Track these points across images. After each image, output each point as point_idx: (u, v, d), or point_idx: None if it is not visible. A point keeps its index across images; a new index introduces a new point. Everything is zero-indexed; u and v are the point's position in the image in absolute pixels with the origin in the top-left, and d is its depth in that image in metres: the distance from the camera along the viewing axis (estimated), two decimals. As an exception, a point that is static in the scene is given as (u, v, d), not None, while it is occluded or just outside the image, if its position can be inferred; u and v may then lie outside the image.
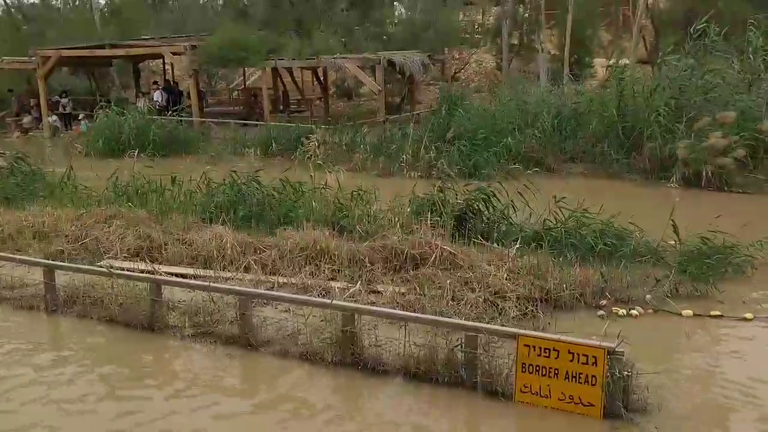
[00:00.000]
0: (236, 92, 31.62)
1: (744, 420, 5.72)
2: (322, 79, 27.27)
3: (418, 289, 7.97)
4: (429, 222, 9.40)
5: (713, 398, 6.04)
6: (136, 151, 15.92)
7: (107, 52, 24.43)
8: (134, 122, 19.96)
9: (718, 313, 7.67)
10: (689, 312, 7.67)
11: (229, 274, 8.75)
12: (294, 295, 7.70)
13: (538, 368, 5.82)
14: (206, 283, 7.69)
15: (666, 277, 8.32)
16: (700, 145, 13.95)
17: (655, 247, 9.23)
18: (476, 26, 37.46)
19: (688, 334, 7.23)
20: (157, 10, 36.00)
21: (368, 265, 8.69)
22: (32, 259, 8.93)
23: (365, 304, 7.51)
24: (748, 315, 7.58)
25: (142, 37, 26.38)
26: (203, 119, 23.08)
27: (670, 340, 7.18)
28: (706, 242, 8.82)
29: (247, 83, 31.13)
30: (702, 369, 6.57)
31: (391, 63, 22.26)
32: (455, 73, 31.75)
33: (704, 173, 13.80)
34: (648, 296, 8.02)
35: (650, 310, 7.78)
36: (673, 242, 9.22)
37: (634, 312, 7.71)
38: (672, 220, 9.10)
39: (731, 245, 8.87)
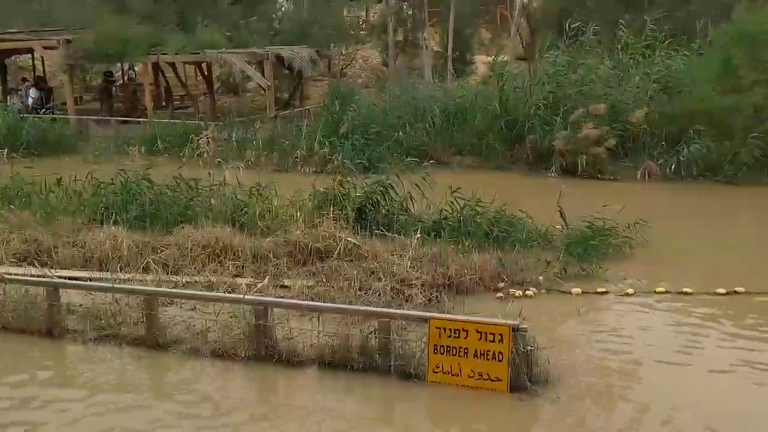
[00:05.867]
0: (115, 88, 30.18)
1: (630, 380, 6.31)
2: (206, 74, 26.59)
3: (325, 281, 8.10)
4: (331, 215, 9.54)
5: (607, 365, 6.57)
6: (6, 151, 15.19)
7: (-31, 46, 22.64)
8: (4, 121, 18.73)
9: (603, 290, 8.36)
10: (578, 290, 8.30)
11: (127, 275, 8.48)
12: (205, 293, 7.60)
13: (448, 348, 6.11)
14: (110, 285, 7.43)
15: (555, 259, 8.94)
16: (576, 136, 14.92)
17: (543, 232, 9.87)
18: (361, 23, 37.85)
19: (579, 310, 7.81)
20: (25, 1, 33.59)
21: (273, 260, 8.73)
22: None
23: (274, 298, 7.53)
24: (630, 290, 8.31)
25: (9, 30, 24.60)
26: (80, 117, 21.92)
27: (563, 316, 7.73)
28: (591, 226, 9.53)
29: (125, 79, 29.78)
30: (594, 340, 7.14)
31: (278, 58, 22.09)
32: (342, 68, 31.91)
33: (580, 163, 14.78)
34: (540, 278, 8.59)
35: (544, 290, 8.36)
36: (560, 227, 9.89)
37: (529, 293, 8.25)
38: (559, 206, 9.76)
39: (611, 228, 9.64)
